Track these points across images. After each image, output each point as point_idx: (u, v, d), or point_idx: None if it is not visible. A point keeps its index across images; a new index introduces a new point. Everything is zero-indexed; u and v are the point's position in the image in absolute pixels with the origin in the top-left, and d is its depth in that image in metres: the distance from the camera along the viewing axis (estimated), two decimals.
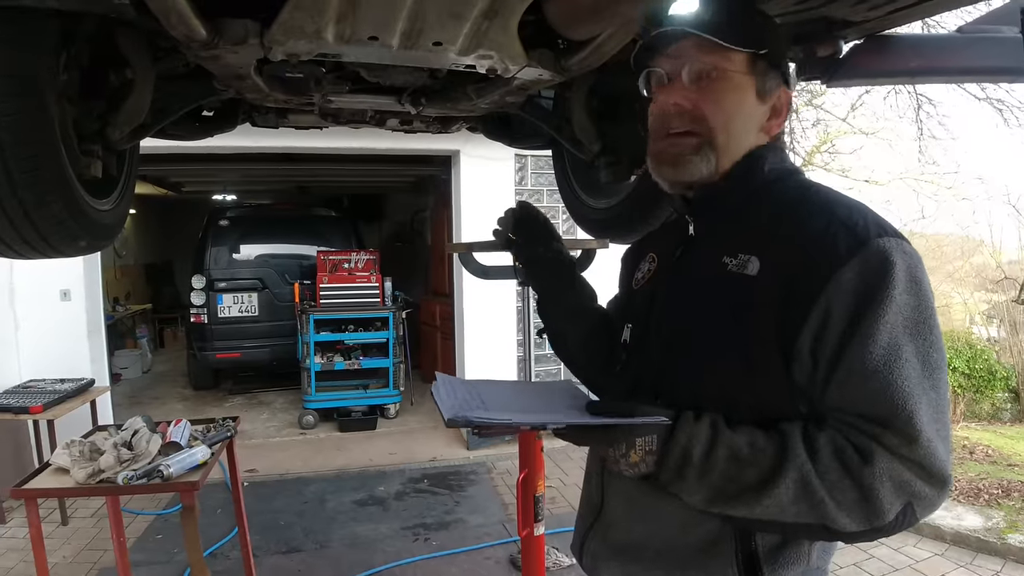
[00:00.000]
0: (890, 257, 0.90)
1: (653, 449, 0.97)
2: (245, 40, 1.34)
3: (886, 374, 0.87)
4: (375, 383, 6.65)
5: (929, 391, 0.88)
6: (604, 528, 1.17)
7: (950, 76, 1.55)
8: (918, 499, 0.88)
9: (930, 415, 0.87)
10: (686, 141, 1.07)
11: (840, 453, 0.89)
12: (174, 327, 11.27)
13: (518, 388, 1.34)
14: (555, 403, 1.10)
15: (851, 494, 0.88)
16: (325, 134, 4.12)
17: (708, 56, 1.04)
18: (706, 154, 1.06)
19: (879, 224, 0.94)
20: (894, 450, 0.87)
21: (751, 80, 1.05)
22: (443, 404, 1.02)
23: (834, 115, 9.61)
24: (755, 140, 1.09)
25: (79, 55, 1.56)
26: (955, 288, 10.65)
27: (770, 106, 1.08)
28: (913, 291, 0.90)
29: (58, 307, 5.33)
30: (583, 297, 1.44)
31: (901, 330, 0.89)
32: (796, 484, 0.89)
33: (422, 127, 2.42)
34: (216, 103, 2.16)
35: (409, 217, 10.65)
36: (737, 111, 1.06)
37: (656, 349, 1.11)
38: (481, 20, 1.27)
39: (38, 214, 1.38)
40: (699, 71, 1.05)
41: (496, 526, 4.28)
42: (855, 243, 0.91)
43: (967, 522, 4.09)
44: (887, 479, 0.87)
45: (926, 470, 0.87)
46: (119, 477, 2.29)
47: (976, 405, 7.22)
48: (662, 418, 0.96)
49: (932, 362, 0.90)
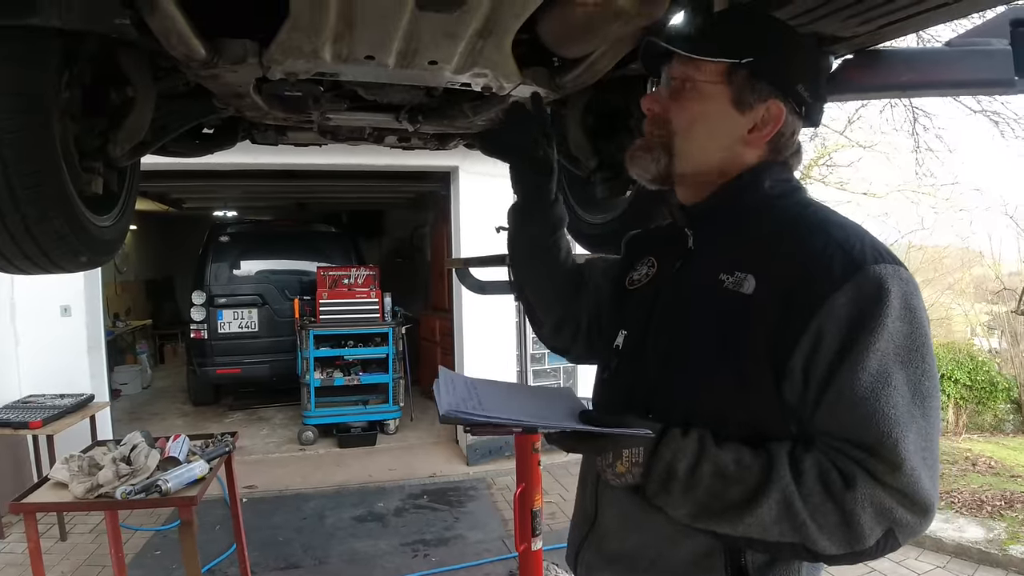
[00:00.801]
0: (885, 284, 0.90)
1: (639, 461, 0.98)
2: (244, 59, 1.36)
3: (873, 401, 0.88)
4: (375, 399, 6.64)
5: (919, 419, 0.89)
6: (599, 538, 1.17)
7: (942, 89, 1.56)
8: (899, 526, 0.89)
9: (917, 444, 0.87)
10: (646, 140, 1.13)
11: (824, 476, 0.89)
12: (174, 343, 11.27)
13: (517, 391, 1.35)
14: (551, 408, 1.11)
15: (832, 517, 0.89)
16: (324, 151, 4.14)
17: (680, 67, 1.08)
18: (657, 155, 1.11)
19: (876, 249, 0.94)
20: (878, 476, 0.87)
21: (723, 90, 1.06)
22: (440, 399, 1.03)
23: (831, 128, 9.67)
24: (729, 150, 1.08)
25: (81, 73, 1.58)
26: (955, 300, 10.66)
27: (753, 117, 1.06)
28: (907, 319, 0.90)
29: (58, 323, 5.35)
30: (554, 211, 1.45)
31: (892, 358, 0.89)
32: (779, 504, 0.90)
33: (420, 144, 2.44)
34: (216, 121, 2.18)
35: (409, 233, 10.68)
36: (701, 119, 1.08)
37: (651, 363, 1.11)
38: (475, 39, 1.29)
39: (39, 229, 1.39)
40: (673, 82, 1.09)
41: (496, 542, 4.27)
42: (851, 267, 0.91)
43: (969, 534, 4.08)
44: (868, 505, 0.87)
45: (908, 498, 0.87)
46: (117, 492, 2.29)
47: (978, 417, 7.21)
48: (647, 431, 0.96)
49: (923, 390, 0.90)
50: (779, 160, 1.11)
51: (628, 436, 0.97)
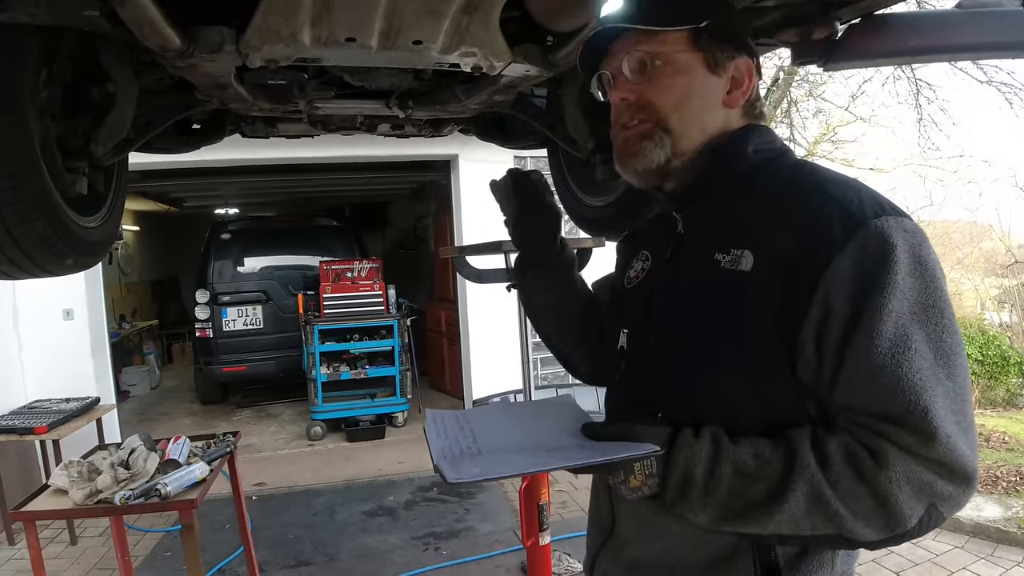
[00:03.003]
0: (889, 239, 0.83)
1: (653, 472, 0.92)
2: (221, 47, 1.31)
3: (895, 368, 0.81)
4: (382, 392, 6.62)
5: (944, 381, 0.82)
6: (617, 547, 1.11)
7: (952, 54, 1.50)
8: (941, 499, 0.82)
9: (947, 407, 0.81)
10: (637, 129, 1.04)
11: (852, 458, 0.83)
12: (182, 342, 11.30)
13: (513, 414, 1.26)
14: (553, 428, 1.04)
15: (867, 501, 0.82)
16: (322, 143, 4.11)
17: (642, 45, 1.01)
18: (659, 138, 1.02)
19: (877, 202, 0.88)
20: (911, 450, 0.81)
21: (697, 56, 1.01)
22: (431, 445, 0.98)
23: (835, 104, 9.57)
24: (717, 117, 1.03)
25: (61, 71, 1.54)
26: (965, 274, 10.55)
27: (728, 78, 1.02)
28: (918, 273, 0.83)
29: (61, 326, 5.35)
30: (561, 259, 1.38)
31: (908, 318, 0.82)
32: (807, 496, 0.84)
33: (414, 131, 2.40)
34: (202, 115, 2.14)
35: (412, 224, 10.66)
36: (687, 91, 1.02)
37: (654, 361, 1.05)
38: (460, 16, 1.24)
39: (21, 232, 1.36)
40: (637, 62, 1.02)
41: (507, 533, 4.23)
42: (851, 225, 0.85)
43: (986, 512, 4.01)
44: (905, 482, 0.81)
45: (947, 467, 0.81)
46: (116, 497, 2.26)
47: (991, 391, 7.12)
48: (654, 447, 0.90)
49: (946, 348, 0.83)
50: (757, 123, 1.06)
51: (634, 457, 0.91)
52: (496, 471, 0.93)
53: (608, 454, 0.93)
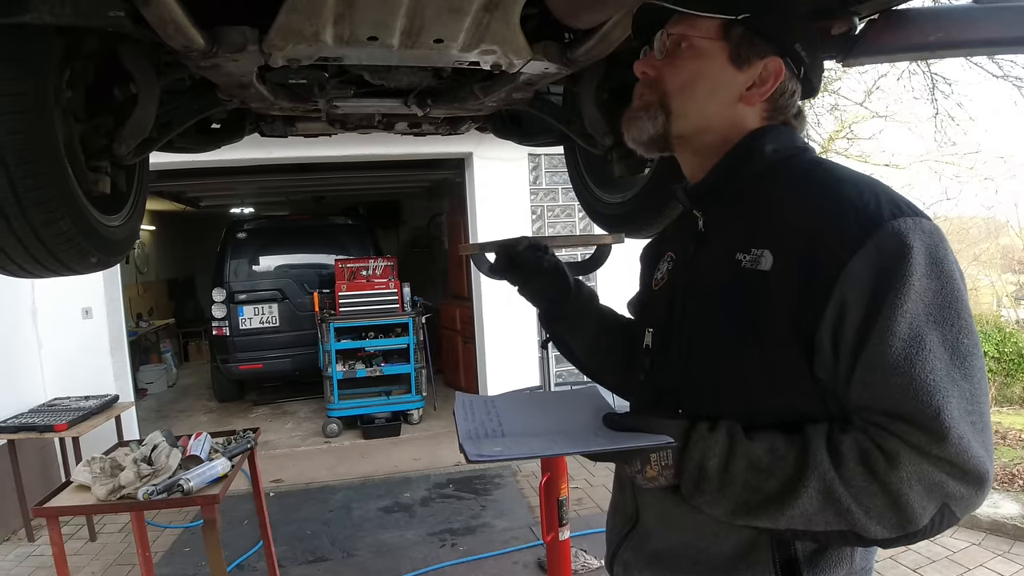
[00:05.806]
0: (906, 239, 0.83)
1: (669, 464, 0.93)
2: (244, 47, 1.32)
3: (908, 368, 0.81)
4: (397, 389, 6.64)
5: (960, 381, 0.82)
6: (641, 539, 1.12)
7: (972, 49, 1.48)
8: (954, 500, 0.83)
9: (962, 408, 0.81)
10: (641, 101, 1.08)
11: (865, 456, 0.83)
12: (198, 340, 11.38)
13: (538, 402, 1.30)
14: (575, 416, 1.07)
15: (879, 500, 0.83)
16: (337, 142, 4.13)
17: (674, 27, 1.04)
18: (654, 114, 1.06)
19: (894, 202, 0.87)
20: (922, 449, 0.81)
21: (721, 46, 1.01)
22: (459, 427, 1.02)
23: (851, 100, 9.48)
24: (727, 110, 1.04)
25: (84, 72, 1.56)
26: (982, 271, 10.44)
27: (753, 75, 1.02)
28: (935, 274, 0.83)
29: (80, 325, 5.40)
30: (580, 302, 1.37)
31: (923, 319, 0.82)
32: (820, 493, 0.84)
33: (431, 129, 2.40)
34: (223, 114, 2.15)
35: (426, 222, 10.67)
36: (696, 76, 1.03)
37: (676, 359, 1.06)
38: (481, 13, 1.24)
39: (47, 232, 1.37)
40: (666, 42, 1.05)
41: (523, 529, 4.24)
42: (868, 226, 0.85)
43: (1004, 509, 3.98)
44: (916, 482, 0.81)
45: (959, 468, 0.81)
46: (139, 493, 2.28)
47: (1007, 389, 7.04)
48: (668, 439, 0.91)
49: (962, 349, 0.83)
50: (780, 122, 1.06)
51: (649, 447, 0.93)
52: (515, 452, 0.96)
53: (624, 443, 0.95)
